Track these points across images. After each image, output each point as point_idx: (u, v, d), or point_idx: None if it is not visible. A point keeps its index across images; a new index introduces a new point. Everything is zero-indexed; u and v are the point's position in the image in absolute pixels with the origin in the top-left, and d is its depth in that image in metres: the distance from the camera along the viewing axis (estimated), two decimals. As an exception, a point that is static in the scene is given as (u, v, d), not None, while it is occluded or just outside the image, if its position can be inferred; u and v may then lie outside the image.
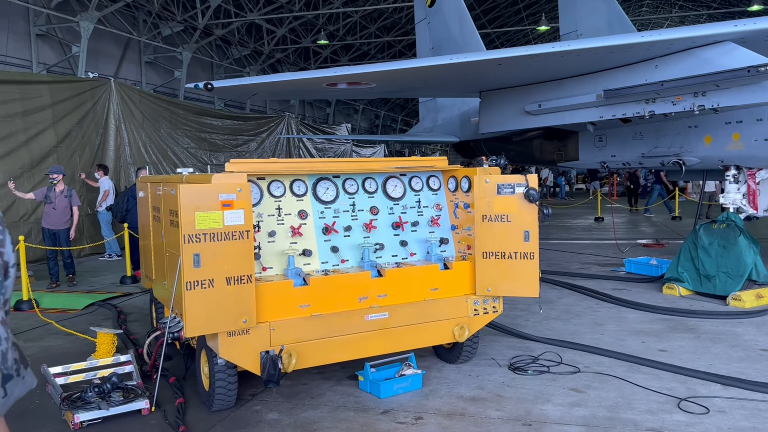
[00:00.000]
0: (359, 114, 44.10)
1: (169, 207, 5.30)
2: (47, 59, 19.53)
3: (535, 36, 43.17)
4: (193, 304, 4.25)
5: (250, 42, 29.30)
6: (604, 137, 10.29)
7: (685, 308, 7.83)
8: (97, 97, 15.08)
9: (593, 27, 13.54)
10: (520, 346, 6.45)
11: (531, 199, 5.25)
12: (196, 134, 19.31)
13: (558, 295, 8.96)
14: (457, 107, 14.94)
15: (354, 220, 5.37)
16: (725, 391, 5.11)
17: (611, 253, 12.77)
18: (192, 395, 5.22)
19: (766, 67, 5.98)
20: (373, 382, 5.16)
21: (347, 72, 7.89)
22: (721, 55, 6.49)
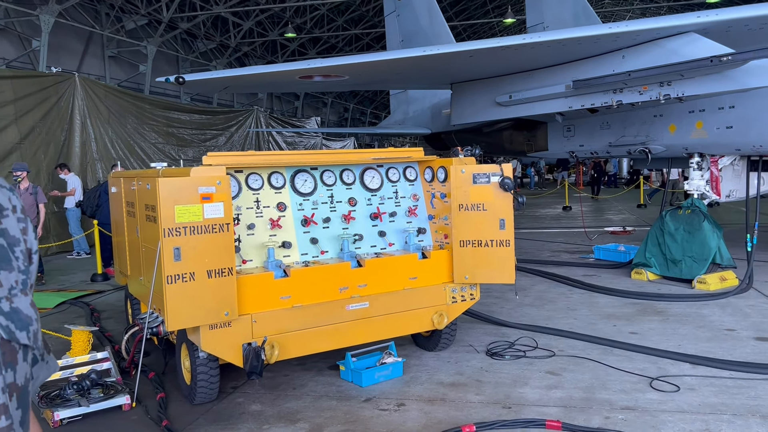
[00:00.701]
0: (328, 107, 43.99)
1: (146, 202, 5.25)
2: (6, 54, 19.06)
3: (501, 29, 43.52)
4: (175, 297, 4.24)
5: (216, 35, 28.98)
6: (573, 127, 10.49)
7: (653, 292, 8.07)
8: (61, 93, 14.76)
9: (559, 19, 13.78)
10: (497, 332, 6.58)
11: (506, 188, 5.35)
12: (163, 129, 19.04)
13: (531, 282, 9.13)
14: (428, 99, 15.04)
15: (332, 211, 5.41)
16: (694, 370, 5.30)
17: (580, 241, 13.04)
18: (173, 390, 5.21)
19: (727, 57, 6.20)
20: (355, 371, 5.22)
21: (320, 65, 7.89)
22: (685, 46, 6.69)
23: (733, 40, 6.79)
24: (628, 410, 4.53)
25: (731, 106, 8.00)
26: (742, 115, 7.92)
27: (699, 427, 4.22)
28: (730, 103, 7.96)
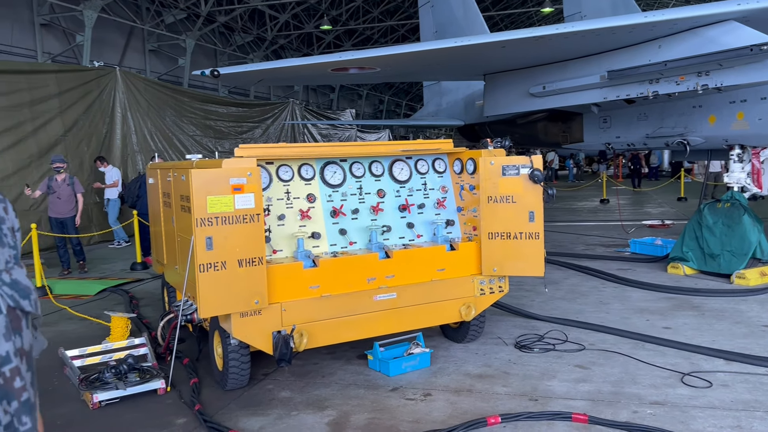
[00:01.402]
0: (363, 99, 44.05)
1: (180, 192, 5.40)
2: (52, 49, 19.59)
3: (539, 18, 42.85)
4: (207, 285, 4.36)
5: (253, 28, 29.27)
6: (609, 118, 10.32)
7: (689, 287, 7.91)
8: (103, 86, 15.16)
9: (597, 8, 13.49)
10: (526, 325, 6.56)
11: (535, 180, 5.32)
12: (201, 122, 19.38)
13: (563, 276, 9.05)
14: (461, 91, 14.96)
15: (361, 203, 5.46)
16: (728, 366, 5.20)
17: (616, 234, 12.83)
18: (206, 375, 5.35)
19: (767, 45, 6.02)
20: (382, 360, 5.28)
21: (352, 57, 7.93)
22: (725, 34, 6.51)
23: (776, 29, 6.58)
24: (657, 405, 4.49)
25: (774, 96, 7.75)
26: (786, 105, 7.67)
27: (730, 423, 4.16)
28: (773, 93, 7.71)
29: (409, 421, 4.37)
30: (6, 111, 12.45)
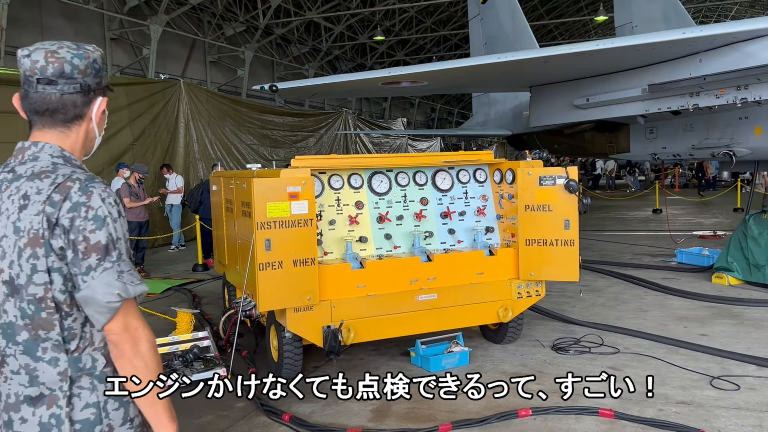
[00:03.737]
0: (415, 108, 44.53)
1: (242, 199, 5.94)
2: (120, 61, 20.82)
3: (594, 26, 42.45)
4: (265, 283, 4.86)
5: (308, 40, 30.17)
6: (655, 129, 10.43)
7: (731, 296, 7.99)
8: (168, 97, 16.10)
9: (648, 18, 13.57)
10: (564, 329, 6.83)
11: (571, 190, 5.63)
12: (258, 131, 20.22)
13: (606, 284, 9.22)
14: (509, 101, 15.23)
15: (405, 210, 5.88)
16: (759, 371, 5.36)
17: (665, 244, 12.81)
18: (262, 366, 5.86)
19: (804, 61, 6.15)
20: (424, 357, 5.67)
21: (402, 72, 8.38)
22: (764, 49, 6.65)
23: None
24: (683, 404, 4.72)
25: (820, 108, 7.79)
26: (832, 117, 7.70)
27: (752, 422, 4.37)
28: (819, 105, 7.75)
29: (446, 411, 4.74)
30: (82, 122, 13.42)
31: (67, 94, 1.75)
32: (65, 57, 1.74)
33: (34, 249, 1.64)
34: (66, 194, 1.64)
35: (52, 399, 1.67)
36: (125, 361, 1.71)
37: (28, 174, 1.71)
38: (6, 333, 1.69)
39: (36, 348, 1.68)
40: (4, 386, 1.70)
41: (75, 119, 1.80)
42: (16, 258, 1.66)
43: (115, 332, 1.68)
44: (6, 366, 1.70)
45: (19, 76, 1.77)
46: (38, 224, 1.64)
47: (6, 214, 1.69)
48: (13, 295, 1.68)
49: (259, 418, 4.76)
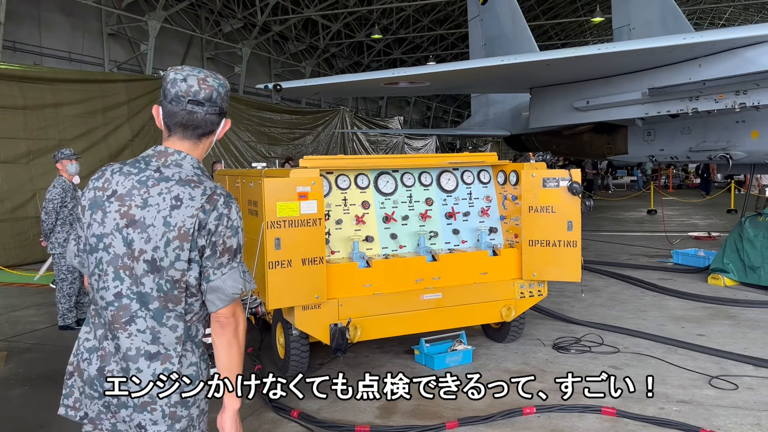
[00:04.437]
0: (411, 106, 44.60)
1: (248, 198, 6.01)
2: (118, 57, 20.78)
3: (590, 27, 42.62)
4: (275, 281, 4.93)
5: (306, 37, 30.18)
6: (653, 131, 10.56)
7: (727, 297, 8.12)
8: (167, 94, 16.11)
9: (646, 21, 13.70)
10: (565, 328, 6.93)
11: (574, 192, 5.72)
12: (256, 128, 20.27)
13: (604, 284, 9.34)
14: (508, 102, 15.33)
15: (411, 210, 5.97)
16: (756, 371, 5.48)
17: (661, 245, 12.96)
18: (267, 363, 5.93)
19: (802, 67, 6.27)
20: (428, 355, 5.76)
21: (404, 73, 8.46)
22: (762, 55, 6.77)
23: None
24: (683, 403, 4.84)
25: (817, 113, 7.93)
26: (828, 122, 7.84)
27: (750, 421, 4.48)
28: (816, 110, 7.89)
29: (452, 408, 4.83)
30: (81, 117, 13.47)
31: (209, 115, 2.18)
32: (213, 85, 2.17)
33: (182, 242, 2.08)
34: (214, 205, 2.12)
35: (166, 357, 2.12)
36: (225, 339, 2.20)
37: (176, 178, 2.13)
38: (142, 299, 2.10)
39: (162, 316, 2.11)
40: (127, 341, 2.10)
41: (208, 134, 2.23)
42: (162, 245, 2.08)
43: (225, 316, 2.17)
44: (134, 324, 2.10)
45: (163, 92, 2.18)
46: (190, 225, 2.08)
47: (156, 208, 2.09)
48: (153, 273, 2.09)
49: (268, 414, 4.83)
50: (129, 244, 2.10)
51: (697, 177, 31.28)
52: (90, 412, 2.15)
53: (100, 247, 2.13)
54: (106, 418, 2.13)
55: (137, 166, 2.16)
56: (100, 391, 2.11)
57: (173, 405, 2.12)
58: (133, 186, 2.12)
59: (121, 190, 2.13)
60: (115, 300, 2.11)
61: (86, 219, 2.17)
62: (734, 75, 6.99)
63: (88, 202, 2.17)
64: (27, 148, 12.39)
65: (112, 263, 2.11)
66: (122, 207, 2.11)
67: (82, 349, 2.19)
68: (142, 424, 2.10)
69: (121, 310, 2.11)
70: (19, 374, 5.98)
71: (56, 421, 4.78)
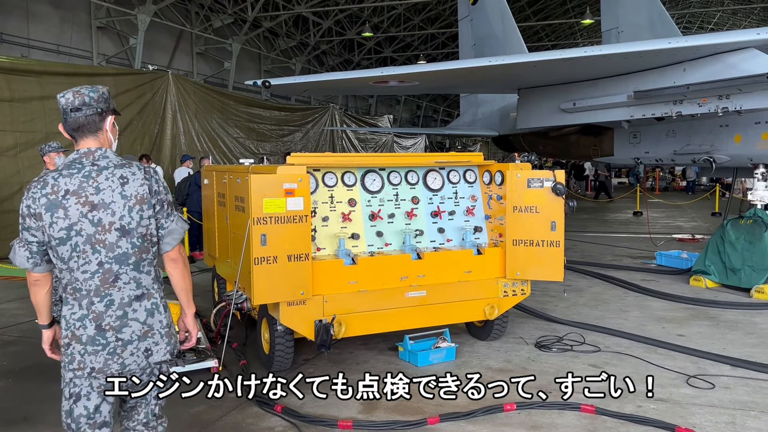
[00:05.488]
0: (401, 105, 44.65)
1: (236, 194, 6.03)
2: (106, 50, 20.67)
3: (580, 29, 42.87)
4: (260, 277, 4.97)
5: (296, 34, 30.15)
6: (639, 134, 10.68)
7: (708, 299, 8.25)
8: (156, 89, 16.09)
9: (634, 24, 13.83)
10: (547, 327, 7.02)
11: (558, 193, 5.80)
12: (245, 124, 20.22)
13: (588, 284, 9.45)
14: (497, 102, 15.42)
15: (397, 208, 6.02)
16: (733, 371, 5.59)
17: (645, 247, 13.10)
18: (252, 359, 5.96)
19: (783, 73, 6.39)
20: (412, 352, 5.82)
21: (394, 72, 8.51)
22: (744, 61, 6.89)
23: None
24: (660, 401, 4.93)
25: (797, 119, 8.07)
26: (809, 127, 7.98)
27: (725, 419, 4.58)
28: (797, 116, 8.04)
29: (434, 404, 4.89)
30: (68, 111, 13.38)
31: (89, 116, 2.77)
32: (84, 93, 2.76)
33: (142, 205, 2.76)
34: (151, 175, 2.85)
35: (149, 295, 2.83)
36: (179, 270, 2.99)
37: (111, 165, 2.76)
38: (119, 259, 2.74)
39: (140, 266, 2.79)
40: (119, 294, 2.75)
41: (97, 131, 2.80)
42: (127, 213, 2.73)
43: (176, 253, 2.95)
44: (120, 279, 2.75)
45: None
46: (143, 191, 2.78)
47: (110, 189, 2.71)
48: (126, 236, 2.74)
49: (252, 408, 4.87)
50: (97, 223, 2.70)
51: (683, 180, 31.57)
52: (96, 364, 2.72)
53: (72, 234, 2.68)
54: (113, 361, 2.73)
55: (75, 167, 2.73)
56: (104, 343, 2.71)
57: (166, 326, 2.88)
58: (81, 182, 2.70)
59: (72, 188, 2.69)
60: (99, 268, 2.72)
61: (47, 220, 2.67)
62: (717, 80, 7.11)
63: (43, 208, 2.68)
64: (14, 140, 12.31)
65: (88, 242, 2.69)
66: (80, 199, 2.68)
67: (71, 321, 2.73)
68: (149, 348, 2.81)
69: (107, 273, 2.73)
70: (3, 367, 5.97)
71: (40, 413, 4.80)
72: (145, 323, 2.80)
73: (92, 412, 2.77)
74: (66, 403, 2.80)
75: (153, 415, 2.98)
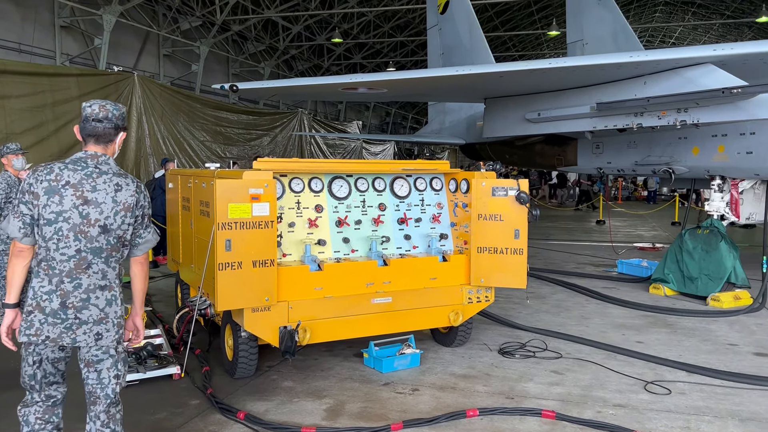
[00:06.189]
0: (370, 111, 44.74)
1: (201, 198, 5.98)
2: (70, 50, 20.22)
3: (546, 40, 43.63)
4: (225, 282, 4.93)
5: (265, 38, 29.99)
6: (601, 144, 10.91)
7: (666, 306, 8.46)
8: (122, 90, 15.87)
9: (598, 37, 14.16)
10: (511, 334, 7.11)
11: (521, 202, 5.90)
12: (211, 128, 20.04)
13: (551, 291, 9.60)
14: (464, 111, 15.58)
15: (364, 215, 6.04)
16: (689, 377, 5.75)
17: (607, 255, 13.37)
18: (216, 366, 5.90)
19: (737, 89, 6.61)
20: (377, 358, 5.83)
21: (362, 79, 8.54)
22: (702, 76, 7.12)
23: (751, 73, 7.18)
24: (619, 407, 5.04)
25: (752, 133, 8.36)
26: (762, 141, 8.27)
27: (680, 424, 4.71)
28: (751, 130, 8.32)
29: (398, 411, 4.92)
30: (29, 111, 13.11)
31: (107, 129, 3.27)
32: (109, 108, 3.29)
33: (126, 213, 3.25)
34: (141, 190, 3.37)
35: (110, 287, 3.23)
36: (143, 273, 3.48)
37: (111, 172, 3.25)
38: (95, 251, 3.19)
39: (109, 261, 3.23)
40: (87, 280, 3.16)
41: (109, 142, 3.31)
42: (112, 215, 3.20)
43: (144, 258, 3.46)
44: (91, 268, 3.18)
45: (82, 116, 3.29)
46: (131, 201, 3.26)
47: (105, 191, 3.19)
48: (105, 233, 3.20)
49: (214, 415, 4.82)
50: (85, 216, 3.16)
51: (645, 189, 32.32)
52: (52, 334, 3.12)
53: (60, 220, 3.13)
54: (67, 335, 3.13)
55: (80, 164, 3.20)
56: (63, 318, 3.12)
57: (119, 317, 3.27)
58: (82, 178, 3.17)
59: (73, 181, 3.15)
60: (76, 254, 3.15)
61: (43, 201, 3.13)
62: (676, 93, 7.32)
63: (43, 190, 3.14)
64: (-29, 140, 11.99)
65: (72, 230, 3.14)
66: (77, 192, 3.15)
67: (39, 293, 3.14)
68: (100, 333, 3.19)
69: (81, 261, 3.16)
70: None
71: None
72: (103, 311, 3.19)
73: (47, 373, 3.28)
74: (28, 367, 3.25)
75: (113, 394, 3.35)
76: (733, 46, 7.01)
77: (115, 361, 3.32)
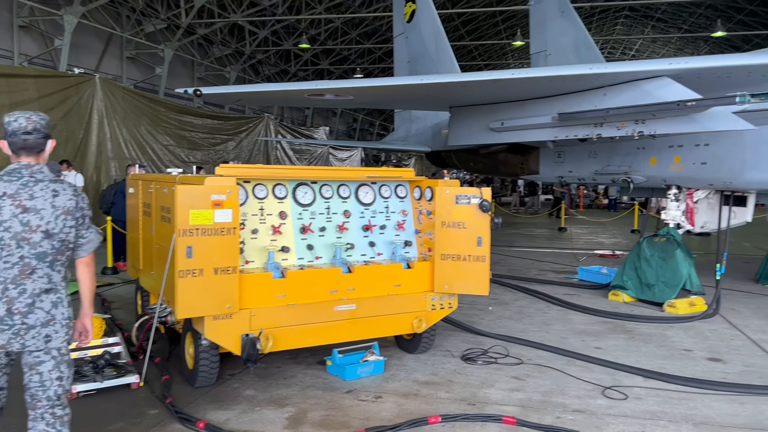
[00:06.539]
0: (338, 117, 44.75)
1: (161, 204, 5.90)
2: (29, 51, 19.75)
3: (511, 50, 44.29)
4: (185, 290, 4.87)
5: (232, 42, 29.78)
6: (563, 154, 11.12)
7: (625, 313, 8.65)
8: (82, 93, 15.51)
9: (561, 48, 14.46)
10: (474, 340, 7.18)
11: (484, 210, 5.97)
12: (175, 132, 19.73)
13: (513, 298, 9.72)
14: (429, 119, 15.72)
15: (328, 221, 6.04)
16: (645, 382, 5.88)
17: (568, 262, 13.61)
18: (176, 374, 5.81)
19: (691, 102, 6.84)
20: (340, 366, 5.82)
21: (329, 86, 8.55)
22: (659, 89, 7.33)
23: (706, 86, 7.42)
24: (578, 412, 5.13)
25: (706, 144, 8.63)
26: (716, 152, 8.55)
27: (636, 429, 4.81)
28: (705, 141, 8.59)
29: (360, 418, 4.92)
30: (-15, 113, 12.73)
31: (38, 139, 3.35)
32: (36, 120, 3.36)
33: (67, 216, 3.33)
34: (79, 193, 3.45)
35: (55, 290, 3.30)
36: (90, 274, 3.54)
37: (46, 180, 3.31)
38: (39, 256, 3.24)
39: (54, 265, 3.30)
40: (31, 285, 3.22)
41: (41, 152, 3.39)
42: (53, 220, 3.27)
43: (90, 258, 3.53)
44: (35, 273, 3.23)
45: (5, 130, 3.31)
46: (71, 205, 3.36)
47: (42, 198, 3.25)
48: (48, 238, 3.26)
49: (173, 425, 4.75)
50: (26, 224, 3.22)
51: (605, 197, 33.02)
52: (1, 341, 3.18)
53: (1, 230, 3.18)
54: (15, 341, 3.20)
55: (15, 175, 3.26)
56: (10, 324, 3.18)
57: (66, 318, 3.35)
58: (19, 188, 3.24)
59: (10, 191, 3.21)
60: (20, 261, 3.21)
61: None
62: (634, 105, 7.52)
63: None
64: None
65: (14, 238, 3.20)
66: (15, 201, 3.21)
67: None
68: (49, 335, 3.26)
69: (25, 266, 3.22)
70: None
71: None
72: (49, 312, 3.26)
73: None
74: None
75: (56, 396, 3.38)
76: (688, 60, 7.25)
77: (57, 363, 3.34)
